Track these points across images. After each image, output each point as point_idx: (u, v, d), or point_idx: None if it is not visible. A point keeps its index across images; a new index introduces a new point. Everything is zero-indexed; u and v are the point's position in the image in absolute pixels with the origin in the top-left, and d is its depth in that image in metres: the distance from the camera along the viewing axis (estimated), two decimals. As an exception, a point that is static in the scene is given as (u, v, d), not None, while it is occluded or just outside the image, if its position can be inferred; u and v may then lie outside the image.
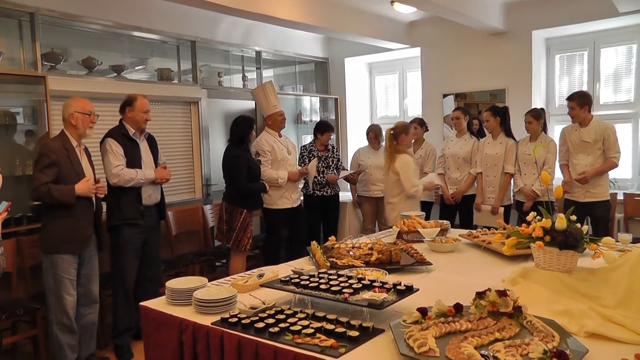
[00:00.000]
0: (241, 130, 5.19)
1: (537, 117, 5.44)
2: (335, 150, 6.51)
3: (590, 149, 5.10)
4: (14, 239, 4.27)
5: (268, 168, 5.46)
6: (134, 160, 4.33)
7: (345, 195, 6.77)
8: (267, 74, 7.76)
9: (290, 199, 5.62)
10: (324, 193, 6.30)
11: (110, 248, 4.41)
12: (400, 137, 5.15)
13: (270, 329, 2.15)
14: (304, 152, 6.34)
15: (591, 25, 6.28)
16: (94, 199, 3.98)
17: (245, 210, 5.13)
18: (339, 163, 6.52)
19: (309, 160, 6.20)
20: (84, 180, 3.87)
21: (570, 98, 5.21)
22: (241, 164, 5.11)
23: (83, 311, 4.04)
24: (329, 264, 3.06)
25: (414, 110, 7.93)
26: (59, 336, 3.88)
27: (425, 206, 6.22)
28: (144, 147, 4.47)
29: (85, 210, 3.91)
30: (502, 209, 5.65)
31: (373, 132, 6.50)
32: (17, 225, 4.35)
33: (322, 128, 6.38)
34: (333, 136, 6.58)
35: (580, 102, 5.11)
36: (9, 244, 4.22)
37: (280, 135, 5.65)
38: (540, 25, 6.46)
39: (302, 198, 6.10)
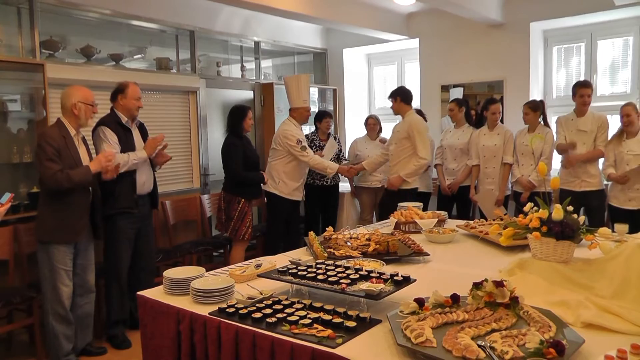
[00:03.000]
0: (232, 119, 5.22)
1: (534, 109, 5.45)
2: (337, 141, 6.52)
3: (586, 138, 5.13)
4: (11, 226, 4.26)
5: (314, 154, 5.51)
6: (127, 148, 4.31)
7: (344, 186, 6.77)
8: (266, 64, 7.74)
9: (301, 191, 5.64)
10: (324, 183, 6.30)
11: (104, 238, 4.39)
12: None
13: (268, 319, 2.16)
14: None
15: (588, 18, 6.28)
16: (90, 188, 3.97)
17: (243, 200, 5.14)
18: (341, 154, 6.52)
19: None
20: (96, 158, 3.90)
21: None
22: (236, 152, 5.12)
23: (79, 301, 4.04)
24: (326, 255, 3.06)
25: (412, 101, 7.89)
26: (54, 326, 3.88)
27: (423, 197, 6.23)
28: (136, 134, 4.46)
29: (81, 198, 3.90)
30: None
31: (373, 119, 6.54)
32: (14, 213, 4.34)
33: (320, 116, 6.44)
34: (332, 122, 6.58)
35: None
36: (6, 231, 4.22)
37: (301, 129, 5.66)
38: (538, 17, 6.46)
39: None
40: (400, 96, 5.52)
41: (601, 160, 5.20)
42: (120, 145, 4.26)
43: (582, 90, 5.14)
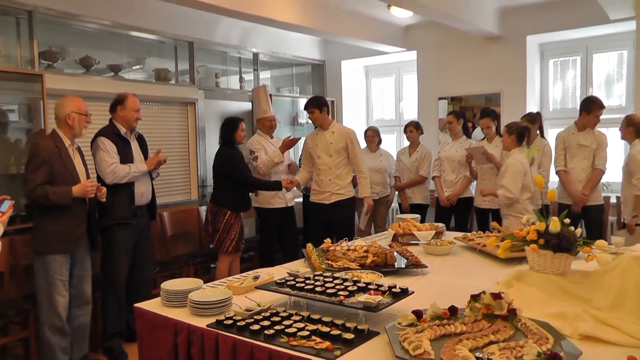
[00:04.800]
0: (225, 131, 5.21)
1: (531, 121, 5.47)
2: None
3: (587, 153, 5.15)
4: (7, 238, 4.23)
5: (264, 155, 5.46)
6: (126, 159, 4.31)
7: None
8: (264, 75, 7.77)
9: (283, 198, 5.60)
10: None
11: (102, 249, 4.37)
12: None
13: (266, 331, 2.15)
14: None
15: (584, 31, 6.34)
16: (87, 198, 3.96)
17: (229, 212, 5.09)
18: None
19: None
20: (82, 183, 3.85)
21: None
22: (240, 160, 5.14)
23: (75, 312, 4.01)
24: (324, 267, 3.06)
25: (410, 113, 7.94)
26: (50, 338, 3.84)
27: (421, 209, 6.25)
28: (134, 146, 4.46)
29: (78, 208, 3.89)
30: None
31: (372, 131, 6.55)
32: (10, 225, 4.28)
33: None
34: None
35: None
36: (1, 243, 4.19)
37: (271, 137, 5.64)
38: (534, 30, 6.52)
39: (296, 199, 6.09)
40: (326, 106, 5.25)
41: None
42: (119, 156, 4.27)
43: (600, 112, 5.14)
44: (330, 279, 2.55)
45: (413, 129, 6.36)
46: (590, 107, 5.17)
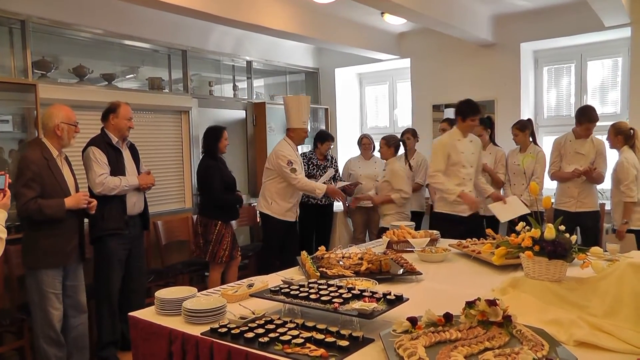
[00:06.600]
0: (208, 140, 5.20)
1: (522, 129, 5.49)
2: (333, 161, 6.53)
3: (584, 161, 5.15)
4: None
5: (303, 176, 5.43)
6: (117, 169, 4.29)
7: (336, 205, 6.76)
8: (258, 83, 7.78)
9: (295, 212, 5.59)
10: (318, 202, 6.29)
11: (94, 259, 4.35)
12: None
13: (260, 339, 2.15)
14: (303, 160, 6.36)
15: (578, 39, 6.37)
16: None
17: (220, 222, 5.10)
18: (336, 174, 6.52)
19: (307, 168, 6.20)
20: (75, 195, 3.82)
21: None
22: (214, 174, 5.09)
23: (73, 323, 3.97)
24: (318, 274, 3.06)
25: (404, 120, 7.96)
26: (46, 349, 3.81)
27: (417, 216, 6.24)
28: (126, 155, 4.44)
29: (70, 221, 3.84)
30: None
31: (368, 139, 6.55)
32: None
33: (323, 137, 6.42)
34: (332, 146, 6.59)
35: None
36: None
37: (296, 150, 5.64)
38: (528, 37, 6.54)
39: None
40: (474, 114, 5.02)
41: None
42: (110, 166, 4.24)
43: (590, 125, 5.10)
44: (325, 287, 2.54)
45: (410, 137, 6.36)
46: (580, 119, 5.17)
